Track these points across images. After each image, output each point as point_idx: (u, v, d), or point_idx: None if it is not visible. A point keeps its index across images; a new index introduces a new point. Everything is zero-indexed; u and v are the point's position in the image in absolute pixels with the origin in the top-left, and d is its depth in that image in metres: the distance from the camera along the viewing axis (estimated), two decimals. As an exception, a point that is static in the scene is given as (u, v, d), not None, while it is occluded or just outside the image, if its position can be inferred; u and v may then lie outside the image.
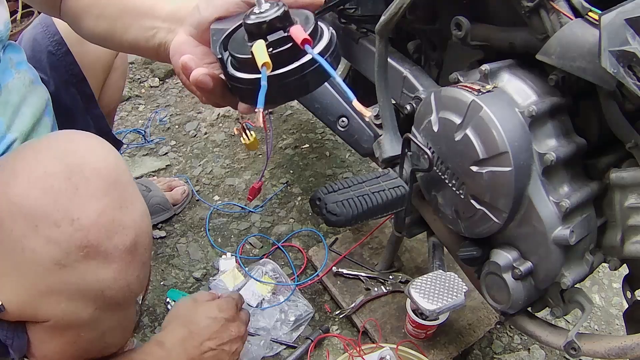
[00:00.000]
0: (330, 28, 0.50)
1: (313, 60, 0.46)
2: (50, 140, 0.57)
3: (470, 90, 0.65)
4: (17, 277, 0.53)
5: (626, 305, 0.73)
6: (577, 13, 0.57)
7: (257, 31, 0.46)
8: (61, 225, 0.51)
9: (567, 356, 1.04)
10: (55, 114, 0.94)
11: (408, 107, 0.83)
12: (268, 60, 0.44)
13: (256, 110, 0.43)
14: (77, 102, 0.97)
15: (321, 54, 0.46)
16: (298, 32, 0.45)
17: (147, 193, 1.29)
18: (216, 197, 1.40)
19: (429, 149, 0.72)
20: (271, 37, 0.46)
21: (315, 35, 0.47)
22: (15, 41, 0.99)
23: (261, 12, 0.46)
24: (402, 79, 0.87)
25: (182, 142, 1.59)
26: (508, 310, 0.71)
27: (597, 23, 0.52)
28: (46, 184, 0.51)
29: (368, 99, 0.96)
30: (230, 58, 0.49)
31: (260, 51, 0.44)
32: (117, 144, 1.11)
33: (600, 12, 0.52)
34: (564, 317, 0.97)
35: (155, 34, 0.59)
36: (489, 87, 0.65)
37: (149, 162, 1.51)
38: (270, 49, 0.45)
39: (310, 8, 0.52)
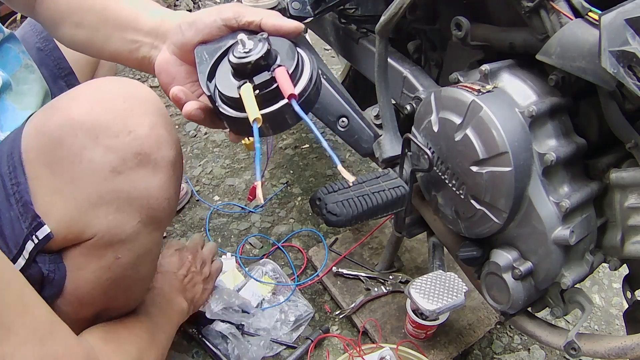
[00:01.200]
0: (309, 55, 0.53)
1: (300, 94, 0.49)
2: (103, 79, 0.62)
3: (470, 90, 0.65)
4: (72, 190, 0.57)
5: (626, 305, 0.73)
6: (577, 13, 0.57)
7: (242, 69, 0.50)
8: (119, 135, 0.56)
9: (567, 356, 1.04)
10: None
11: (408, 107, 0.83)
12: (259, 115, 0.47)
13: (255, 183, 0.47)
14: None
15: (304, 90, 0.50)
16: (284, 82, 0.48)
17: (147, 193, 1.30)
18: (216, 197, 1.40)
19: (429, 149, 0.73)
20: (257, 79, 0.49)
21: (297, 70, 0.51)
22: None
23: (245, 52, 0.50)
24: (402, 79, 0.87)
25: (182, 142, 1.59)
26: (508, 311, 0.71)
27: (597, 23, 0.52)
28: (106, 104, 0.57)
29: (368, 99, 0.96)
30: (218, 92, 0.53)
31: (249, 101, 0.48)
32: None
33: (600, 12, 0.52)
34: (564, 317, 0.97)
35: (139, 47, 0.62)
36: (489, 87, 0.65)
37: (149, 162, 1.51)
38: (257, 91, 0.49)
39: (290, 37, 0.55)
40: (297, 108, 0.48)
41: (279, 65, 0.50)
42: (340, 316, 1.07)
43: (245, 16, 0.56)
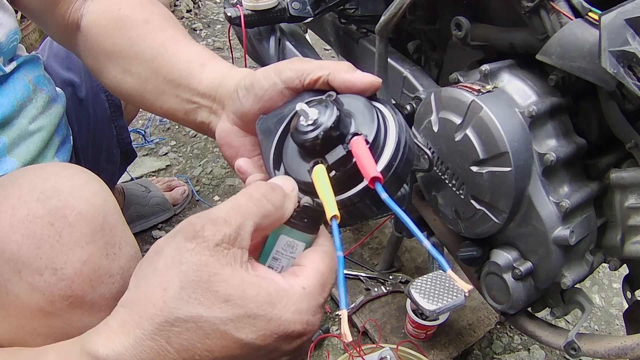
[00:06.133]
0: (391, 111, 0.42)
1: (384, 171, 0.38)
2: (35, 178, 0.52)
3: (470, 90, 0.65)
4: (4, 316, 0.52)
5: (626, 305, 0.73)
6: (577, 13, 0.57)
7: (309, 147, 0.40)
8: (44, 274, 0.49)
9: (567, 356, 1.04)
10: (80, 122, 0.91)
11: (408, 107, 0.83)
12: (337, 212, 0.36)
13: (340, 312, 0.34)
14: (105, 110, 0.96)
15: (390, 164, 0.39)
16: (363, 158, 0.37)
17: (147, 193, 1.30)
18: (216, 198, 1.40)
19: (429, 149, 0.73)
20: (330, 158, 0.39)
21: (378, 137, 0.40)
22: (40, 47, 0.95)
23: (309, 124, 0.39)
24: (402, 79, 0.87)
25: (182, 142, 1.59)
26: (508, 311, 0.71)
27: (597, 23, 0.52)
28: (28, 229, 0.49)
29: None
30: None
31: (324, 189, 0.37)
32: (133, 155, 1.10)
33: (600, 12, 0.52)
34: (564, 317, 0.97)
35: (196, 109, 0.56)
36: (489, 87, 0.65)
37: (149, 162, 1.51)
38: (333, 172, 0.39)
39: (365, 94, 0.45)
40: (383, 196, 0.36)
41: (355, 134, 0.39)
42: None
43: (309, 73, 0.46)
